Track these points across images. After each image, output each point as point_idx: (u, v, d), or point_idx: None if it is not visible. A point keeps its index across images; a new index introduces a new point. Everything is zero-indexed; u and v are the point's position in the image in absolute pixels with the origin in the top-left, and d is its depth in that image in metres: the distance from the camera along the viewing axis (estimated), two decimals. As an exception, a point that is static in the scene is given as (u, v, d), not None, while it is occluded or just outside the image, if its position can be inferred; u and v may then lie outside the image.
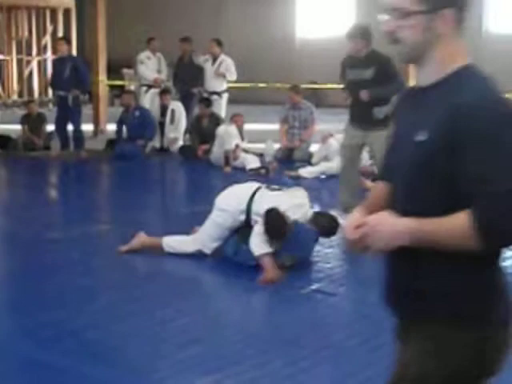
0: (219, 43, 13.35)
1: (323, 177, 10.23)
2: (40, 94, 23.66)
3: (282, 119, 12.22)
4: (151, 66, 13.91)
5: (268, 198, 5.93)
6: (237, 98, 22.37)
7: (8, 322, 4.88)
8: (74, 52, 24.32)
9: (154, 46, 13.97)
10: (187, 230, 6.43)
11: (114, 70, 19.07)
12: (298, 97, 12.14)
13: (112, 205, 9.40)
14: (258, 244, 5.60)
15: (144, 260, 6.16)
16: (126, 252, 6.17)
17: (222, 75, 13.07)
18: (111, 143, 12.90)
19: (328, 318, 4.99)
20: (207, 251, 6.02)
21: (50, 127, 13.55)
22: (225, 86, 13.34)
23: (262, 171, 10.46)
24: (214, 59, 13.24)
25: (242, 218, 5.91)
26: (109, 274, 5.91)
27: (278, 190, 6.22)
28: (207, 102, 12.32)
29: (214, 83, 13.21)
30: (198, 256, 6.02)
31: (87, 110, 15.58)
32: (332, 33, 23.60)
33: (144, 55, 14.02)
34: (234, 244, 5.87)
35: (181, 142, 12.80)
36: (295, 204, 5.91)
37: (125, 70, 22.34)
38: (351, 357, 4.26)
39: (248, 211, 5.89)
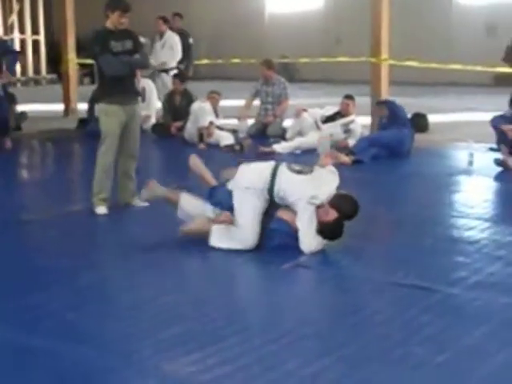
0: (165, 20, 13.64)
1: (298, 152, 10.20)
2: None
3: (251, 93, 12.21)
4: None
5: (295, 184, 5.72)
6: (208, 74, 22.38)
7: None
8: (42, 31, 24.19)
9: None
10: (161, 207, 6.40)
11: (82, 48, 18.85)
12: (270, 72, 12.08)
13: (85, 184, 9.28)
14: (315, 245, 5.60)
15: (123, 240, 6.13)
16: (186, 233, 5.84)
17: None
18: (82, 122, 12.80)
19: (309, 293, 5.01)
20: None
21: (20, 107, 13.46)
22: (174, 63, 13.46)
23: (237, 148, 10.43)
24: (161, 36, 13.46)
25: (268, 197, 5.73)
26: (87, 255, 5.85)
27: (300, 171, 5.87)
28: (182, 78, 12.26)
29: (161, 60, 13.31)
30: (177, 235, 5.93)
31: (57, 90, 15.47)
32: (301, 7, 23.55)
33: None
34: None
35: (153, 120, 12.73)
36: (322, 190, 5.73)
37: (94, 48, 22.15)
38: (330, 333, 4.25)
39: (271, 190, 5.70)
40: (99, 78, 7.36)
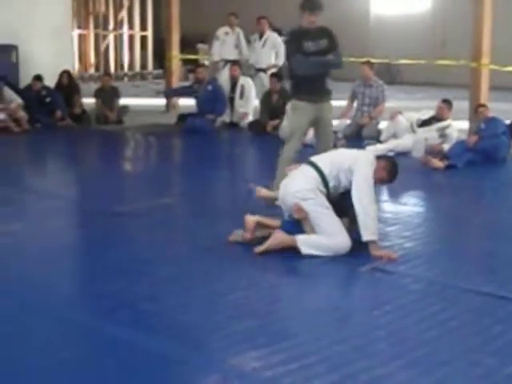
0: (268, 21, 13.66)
1: (391, 154, 10.11)
2: (116, 68, 23.97)
3: (350, 96, 12.15)
4: (230, 42, 13.91)
5: (334, 157, 5.96)
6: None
7: (67, 290, 4.99)
8: (150, 27, 24.69)
9: (232, 21, 13.98)
10: (254, 206, 6.45)
11: (187, 45, 19.17)
12: (370, 72, 12.01)
13: (181, 178, 9.49)
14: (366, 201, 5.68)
15: (205, 235, 6.21)
16: (261, 253, 5.55)
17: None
18: (182, 117, 13.04)
19: (384, 296, 4.95)
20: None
21: (124, 101, 13.82)
22: (273, 61, 13.47)
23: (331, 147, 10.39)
24: (261, 36, 13.47)
25: (324, 190, 5.73)
26: (170, 247, 5.97)
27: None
28: (279, 77, 12.32)
29: (262, 60, 13.35)
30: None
31: (162, 85, 15.74)
32: (406, 9, 23.29)
33: (222, 31, 14.00)
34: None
35: (251, 117, 12.85)
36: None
37: (199, 45, 22.50)
38: (402, 337, 4.22)
39: (323, 177, 5.73)
40: (290, 77, 7.45)
